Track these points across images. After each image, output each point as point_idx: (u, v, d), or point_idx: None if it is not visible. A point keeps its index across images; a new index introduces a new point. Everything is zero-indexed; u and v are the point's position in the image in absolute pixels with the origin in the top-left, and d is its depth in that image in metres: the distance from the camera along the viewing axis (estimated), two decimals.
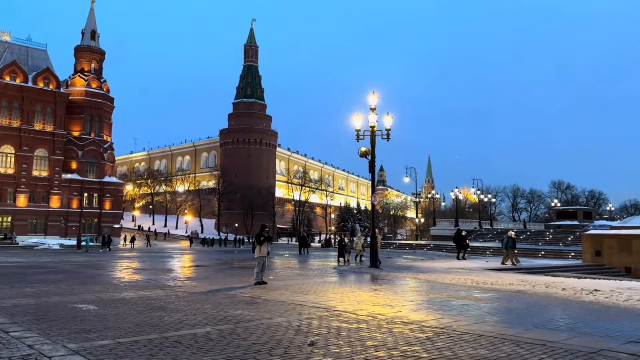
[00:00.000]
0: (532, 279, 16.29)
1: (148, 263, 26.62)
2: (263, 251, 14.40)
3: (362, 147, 21.09)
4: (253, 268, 22.18)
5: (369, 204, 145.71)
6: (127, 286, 14.06)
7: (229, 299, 10.96)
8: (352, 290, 12.89)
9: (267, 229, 14.99)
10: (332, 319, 8.36)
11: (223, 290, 12.78)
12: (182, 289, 13.07)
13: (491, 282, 15.07)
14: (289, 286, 13.74)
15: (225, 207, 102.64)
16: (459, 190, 60.81)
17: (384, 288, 13.61)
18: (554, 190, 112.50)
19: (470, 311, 9.51)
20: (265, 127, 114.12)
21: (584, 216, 56.91)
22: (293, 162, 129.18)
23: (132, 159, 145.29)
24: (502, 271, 20.67)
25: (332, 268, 21.49)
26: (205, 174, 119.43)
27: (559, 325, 8.02)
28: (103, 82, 79.02)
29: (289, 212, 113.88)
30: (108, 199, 75.03)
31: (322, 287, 13.64)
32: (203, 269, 21.90)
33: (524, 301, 11.07)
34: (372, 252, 21.08)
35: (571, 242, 40.51)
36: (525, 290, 13.10)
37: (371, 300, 10.77)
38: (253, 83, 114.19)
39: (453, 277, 16.68)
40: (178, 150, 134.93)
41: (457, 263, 24.93)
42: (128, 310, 9.41)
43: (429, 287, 13.72)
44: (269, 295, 11.50)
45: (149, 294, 12.03)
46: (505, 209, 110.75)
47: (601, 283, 14.75)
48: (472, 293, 12.42)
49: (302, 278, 16.68)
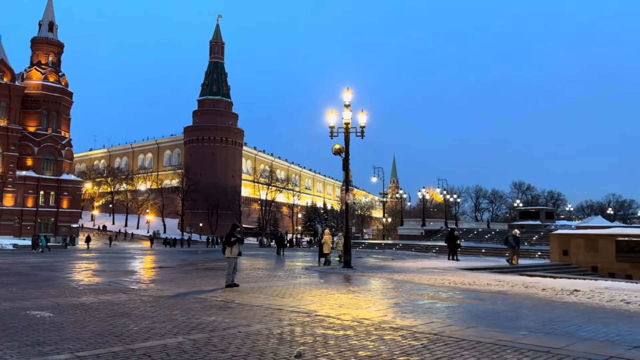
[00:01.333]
0: (508, 278, 16.07)
1: (108, 264, 25.35)
2: (234, 252, 13.63)
3: (335, 144, 20.55)
4: (220, 269, 21.46)
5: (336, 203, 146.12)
6: (86, 290, 13.06)
7: (199, 304, 10.19)
8: (330, 292, 12.29)
9: (239, 229, 14.24)
10: (315, 325, 7.74)
11: (192, 294, 11.97)
12: (147, 293, 12.19)
13: (468, 282, 14.75)
14: (263, 288, 13.03)
15: (189, 207, 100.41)
16: (426, 190, 61.16)
17: (363, 290, 13.07)
18: (515, 191, 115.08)
19: (458, 314, 9.06)
20: (232, 125, 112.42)
21: (546, 216, 58.14)
22: (259, 161, 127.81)
23: (92, 156, 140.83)
24: (475, 271, 20.47)
25: (305, 269, 20.86)
26: (169, 173, 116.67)
27: (555, 329, 7.63)
28: (61, 76, 76.05)
29: (255, 211, 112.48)
30: (66, 197, 72.22)
31: (298, 289, 13.00)
32: (168, 271, 20.89)
33: (509, 303, 10.72)
34: (346, 252, 20.55)
35: (536, 241, 41.14)
36: (506, 291, 12.80)
37: (353, 304, 10.20)
38: (219, 80, 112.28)
39: (430, 277, 16.31)
40: (140, 148, 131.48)
41: (430, 263, 24.70)
42: (88, 317, 8.54)
43: (408, 288, 13.25)
44: (243, 299, 10.77)
45: (111, 298, 11.12)
46: (468, 209, 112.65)
47: (578, 283, 14.63)
48: (454, 294, 12.02)
49: (276, 279, 15.99)
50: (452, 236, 27.28)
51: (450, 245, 27.03)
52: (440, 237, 52.17)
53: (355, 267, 20.50)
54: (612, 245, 24.03)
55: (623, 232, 25.16)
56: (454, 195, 70.98)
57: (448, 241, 27.45)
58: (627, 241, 23.59)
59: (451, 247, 26.96)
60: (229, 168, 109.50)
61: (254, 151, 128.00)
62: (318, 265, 22.48)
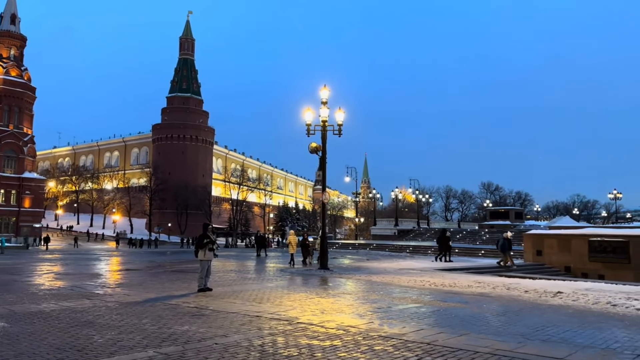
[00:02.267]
0: (487, 280, 15.85)
1: (72, 267, 24.17)
2: (208, 254, 12.94)
3: (312, 142, 20.00)
4: (191, 272, 20.64)
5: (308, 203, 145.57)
6: (47, 295, 12.16)
7: (170, 311, 9.49)
8: (310, 296, 11.74)
9: (210, 227, 13.55)
10: (298, 334, 7.18)
11: (162, 299, 11.23)
12: (113, 298, 11.39)
13: (449, 284, 14.43)
14: (238, 293, 12.38)
15: (157, 206, 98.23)
16: (400, 190, 61.23)
17: (343, 293, 12.57)
18: (484, 191, 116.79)
19: (446, 319, 8.64)
20: (202, 123, 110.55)
21: (515, 216, 58.92)
22: (230, 161, 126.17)
23: (56, 154, 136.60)
24: (452, 271, 20.25)
25: (280, 270, 20.24)
26: (136, 171, 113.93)
27: (550, 335, 7.27)
28: (24, 71, 73.29)
29: (225, 211, 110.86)
30: (28, 196, 69.54)
31: (276, 293, 12.40)
32: (135, 274, 19.94)
33: (495, 306, 10.38)
34: (322, 253, 20.03)
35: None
36: (488, 293, 12.51)
37: (335, 309, 9.67)
38: (189, 77, 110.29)
39: (409, 278, 15.94)
40: (106, 146, 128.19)
41: (406, 263, 24.41)
42: (47, 327, 7.76)
43: (390, 291, 12.82)
44: (218, 305, 10.12)
45: (73, 305, 10.30)
46: (439, 209, 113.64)
47: (558, 284, 14.49)
48: (437, 297, 11.64)
49: (250, 282, 15.34)
50: (444, 237, 26.25)
51: (442, 245, 26.04)
52: (413, 237, 52.27)
53: (331, 269, 20.02)
54: (584, 246, 24.23)
55: (595, 232, 25.41)
56: (427, 196, 71.38)
57: (440, 241, 26.46)
58: (599, 241, 23.81)
59: (443, 247, 25.98)
60: (199, 167, 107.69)
61: (225, 150, 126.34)
62: (308, 266, 21.92)
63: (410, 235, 53.36)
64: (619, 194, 62.61)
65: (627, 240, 22.86)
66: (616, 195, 62.85)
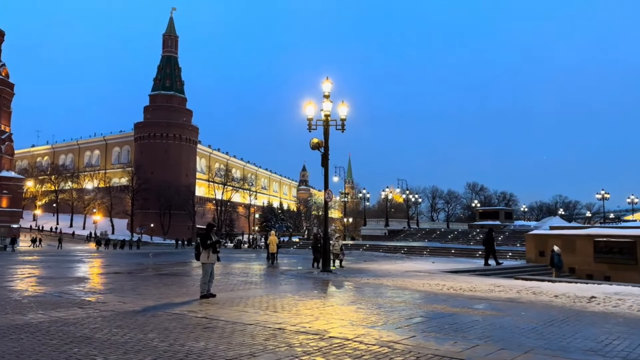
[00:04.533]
0: (504, 282, 15.00)
1: (55, 269, 22.73)
2: (212, 257, 11.81)
3: (313, 138, 18.97)
4: (184, 274, 19.46)
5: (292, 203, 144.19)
6: (32, 303, 10.91)
7: (177, 322, 8.36)
8: (326, 303, 10.70)
9: (215, 228, 12.43)
10: (337, 352, 6.13)
11: (163, 308, 10.08)
12: (108, 307, 10.21)
13: (468, 288, 13.52)
14: (245, 299, 11.28)
15: (139, 206, 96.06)
16: (390, 190, 60.51)
17: (359, 299, 11.54)
18: (469, 192, 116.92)
19: (492, 331, 7.67)
20: (186, 122, 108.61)
21: (505, 216, 58.69)
22: (214, 160, 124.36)
23: (34, 152, 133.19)
24: (458, 273, 19.42)
25: (280, 273, 19.15)
26: (117, 171, 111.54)
27: (628, 352, 6.34)
28: (1, 66, 70.88)
29: (209, 211, 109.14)
30: (5, 195, 67.19)
31: (286, 299, 11.32)
32: (125, 277, 18.67)
33: (534, 315, 9.46)
34: (324, 255, 18.99)
35: (502, 241, 40.98)
36: (516, 299, 11.61)
37: (362, 319, 8.65)
38: (172, 75, 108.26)
39: (422, 282, 15.00)
40: (86, 145, 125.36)
41: (408, 265, 23.51)
42: (38, 345, 6.59)
43: (409, 297, 11.84)
44: (229, 315, 9.02)
45: (64, 315, 9.10)
46: (425, 209, 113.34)
47: (582, 288, 13.70)
48: (464, 304, 10.69)
49: (255, 287, 14.22)
50: (491, 237, 23.75)
51: (489, 247, 23.59)
52: (404, 237, 51.54)
53: (334, 271, 19.01)
54: (590, 246, 23.64)
55: (601, 232, 24.84)
56: (416, 195, 70.83)
57: (487, 243, 23.75)
58: (605, 242, 23.23)
59: (490, 249, 23.57)
60: (183, 166, 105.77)
61: (209, 149, 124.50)
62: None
63: (401, 236, 52.64)
64: (606, 194, 62.79)
65: (634, 240, 22.31)
66: (604, 195, 63.02)
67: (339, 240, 21.96)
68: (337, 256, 21.86)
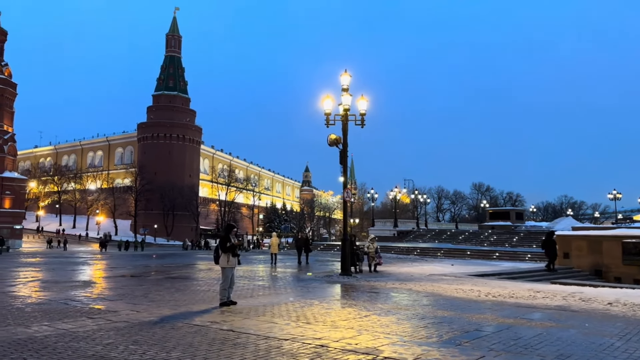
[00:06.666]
0: (542, 288, 13.98)
1: (59, 272, 21.76)
2: (232, 261, 10.81)
3: (331, 134, 17.97)
4: (193, 279, 18.46)
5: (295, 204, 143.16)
6: (36, 312, 9.93)
7: (201, 336, 7.37)
8: (360, 312, 9.66)
9: (235, 229, 11.43)
10: None
11: (181, 318, 9.07)
12: (120, 317, 9.21)
13: (507, 294, 12.49)
14: (270, 308, 10.27)
15: (143, 207, 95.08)
16: (398, 190, 59.49)
17: (395, 308, 10.51)
18: (475, 192, 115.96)
19: (573, 350, 6.65)
20: (189, 122, 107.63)
21: (516, 217, 57.58)
22: (218, 161, 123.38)
23: (37, 153, 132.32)
24: (485, 277, 18.39)
25: (294, 276, 18.12)
26: (121, 171, 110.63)
27: None
28: (4, 66, 69.89)
29: (213, 212, 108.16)
30: (8, 196, 66.25)
31: (315, 308, 10.30)
32: (133, 281, 17.70)
33: (599, 326, 8.43)
34: (343, 257, 17.99)
35: (517, 242, 39.91)
36: (568, 307, 10.58)
37: (412, 333, 7.63)
38: (176, 75, 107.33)
39: (454, 287, 13.98)
40: (89, 145, 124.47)
41: (428, 267, 22.47)
42: None
43: (450, 305, 10.81)
44: (258, 326, 8.01)
45: (72, 326, 8.12)
46: (430, 209, 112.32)
47: (628, 293, 12.67)
48: (514, 314, 9.67)
49: (274, 293, 13.18)
50: (551, 240, 21.80)
51: (550, 252, 21.61)
52: (413, 238, 50.48)
53: (354, 275, 18.02)
54: (618, 248, 22.57)
55: (630, 233, 23.76)
56: (424, 196, 69.80)
57: (547, 247, 21.67)
58: (634, 243, 22.16)
59: (551, 254, 21.62)
60: (186, 167, 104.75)
61: (212, 150, 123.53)
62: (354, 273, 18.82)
63: (411, 237, 51.58)
64: (618, 194, 61.66)
65: None
66: (615, 195, 61.89)
67: (374, 242, 20.48)
68: (372, 259, 20.22)
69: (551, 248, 21.73)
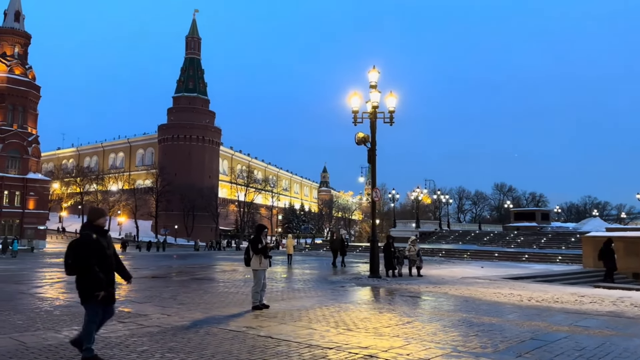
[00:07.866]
0: (587, 292, 13.34)
1: None
2: (264, 263, 10.42)
3: (359, 132, 17.50)
4: (219, 280, 18.16)
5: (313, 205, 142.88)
6: (64, 315, 9.67)
7: (239, 343, 6.96)
8: (404, 319, 9.14)
9: (266, 230, 11.04)
10: None
11: (214, 322, 8.69)
12: (152, 321, 8.86)
13: (551, 299, 11.87)
14: (304, 312, 9.83)
15: (163, 208, 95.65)
16: (420, 190, 58.68)
17: (439, 314, 9.97)
18: (497, 192, 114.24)
19: None
20: (208, 124, 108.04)
21: (542, 217, 56.34)
22: (236, 162, 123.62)
23: (60, 155, 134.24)
24: (519, 280, 17.74)
25: (322, 277, 17.66)
26: (142, 172, 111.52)
27: None
28: (28, 69, 70.83)
29: (232, 213, 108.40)
30: (32, 197, 67.09)
31: (352, 312, 9.83)
32: (159, 282, 17.45)
33: None
34: (372, 259, 17.50)
35: (545, 244, 38.86)
36: (621, 313, 9.95)
37: (463, 342, 7.11)
38: (195, 76, 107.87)
39: (492, 291, 13.39)
40: (111, 147, 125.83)
41: (458, 270, 21.82)
42: None
43: (493, 311, 10.25)
44: (296, 333, 7.57)
45: (103, 331, 7.72)
46: (452, 210, 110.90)
47: None
48: (567, 320, 9.08)
49: (305, 296, 12.73)
50: (610, 249, 19.66)
51: (609, 262, 19.50)
52: (436, 240, 49.62)
53: (383, 276, 17.52)
54: None
55: None
56: (446, 196, 68.80)
57: (605, 256, 19.54)
58: None
59: (610, 265, 19.54)
60: (206, 168, 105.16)
61: (231, 151, 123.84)
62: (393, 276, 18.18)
63: (433, 238, 50.74)
64: None
65: None
66: None
67: (416, 244, 19.68)
68: (413, 263, 19.06)
69: (610, 259, 19.56)
